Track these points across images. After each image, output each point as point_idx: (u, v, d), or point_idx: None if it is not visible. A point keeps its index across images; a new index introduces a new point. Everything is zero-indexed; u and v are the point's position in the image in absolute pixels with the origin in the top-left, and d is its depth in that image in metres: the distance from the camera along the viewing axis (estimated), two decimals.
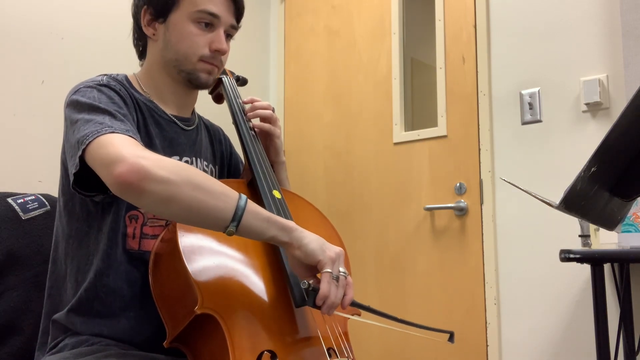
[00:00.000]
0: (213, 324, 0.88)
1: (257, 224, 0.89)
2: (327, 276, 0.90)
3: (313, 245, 0.91)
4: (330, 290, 0.89)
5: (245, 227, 0.88)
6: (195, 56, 1.12)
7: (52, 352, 1.02)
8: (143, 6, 1.14)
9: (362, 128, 2.55)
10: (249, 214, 0.88)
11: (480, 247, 2.17)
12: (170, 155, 1.12)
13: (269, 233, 0.90)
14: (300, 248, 0.91)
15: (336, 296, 0.90)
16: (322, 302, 0.89)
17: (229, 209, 0.87)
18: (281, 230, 0.91)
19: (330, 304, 0.89)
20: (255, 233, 0.90)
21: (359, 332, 2.34)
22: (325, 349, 0.95)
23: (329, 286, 0.89)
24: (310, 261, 0.91)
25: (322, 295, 0.89)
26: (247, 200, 0.89)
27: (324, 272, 0.90)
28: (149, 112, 1.12)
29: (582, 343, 1.92)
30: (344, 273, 0.93)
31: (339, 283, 0.91)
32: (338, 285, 0.91)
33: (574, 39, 2.04)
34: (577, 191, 0.74)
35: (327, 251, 0.92)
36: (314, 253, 0.90)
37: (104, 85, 1.04)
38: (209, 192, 0.87)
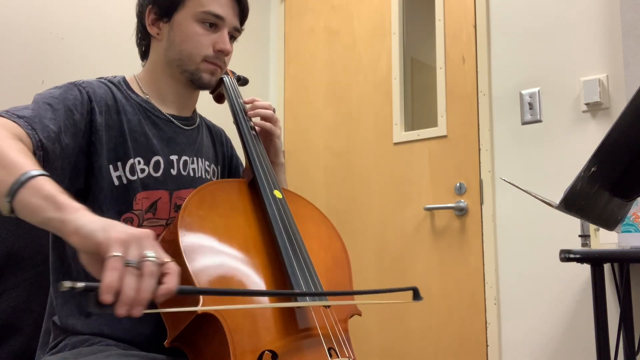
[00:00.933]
0: (214, 324, 0.88)
1: (32, 201, 0.73)
2: (114, 261, 0.66)
3: (92, 226, 0.70)
4: (124, 281, 0.65)
5: (20, 204, 0.74)
6: (199, 56, 1.12)
7: (52, 352, 1.02)
8: (148, 5, 1.14)
9: (362, 128, 2.55)
10: (28, 189, 0.74)
11: (480, 247, 2.17)
12: (168, 155, 1.12)
13: (43, 214, 0.73)
14: (77, 232, 0.70)
15: (136, 288, 0.66)
16: (112, 297, 0.64)
17: (7, 181, 0.75)
18: (57, 210, 0.72)
19: (129, 299, 0.65)
20: (30, 213, 0.75)
21: (359, 332, 2.34)
22: (326, 349, 0.95)
23: (119, 274, 0.65)
24: (89, 245, 0.69)
25: (105, 288, 0.64)
26: (39, 177, 0.75)
27: (108, 257, 0.66)
28: (145, 112, 1.12)
29: (582, 343, 1.92)
30: (153, 257, 0.69)
31: (144, 271, 0.67)
32: (142, 274, 0.67)
33: (574, 39, 2.04)
34: (577, 191, 0.74)
35: (112, 231, 0.69)
36: (92, 234, 0.69)
37: (75, 84, 1.05)
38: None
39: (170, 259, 0.71)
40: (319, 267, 1.04)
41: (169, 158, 1.12)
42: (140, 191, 1.05)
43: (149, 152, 1.09)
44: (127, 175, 1.05)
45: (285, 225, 1.03)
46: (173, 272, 0.70)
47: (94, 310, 0.64)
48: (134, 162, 1.05)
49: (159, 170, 1.09)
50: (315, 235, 1.13)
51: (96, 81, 1.09)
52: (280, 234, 1.01)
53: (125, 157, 1.05)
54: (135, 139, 1.07)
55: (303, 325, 0.97)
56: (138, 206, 1.05)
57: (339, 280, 1.11)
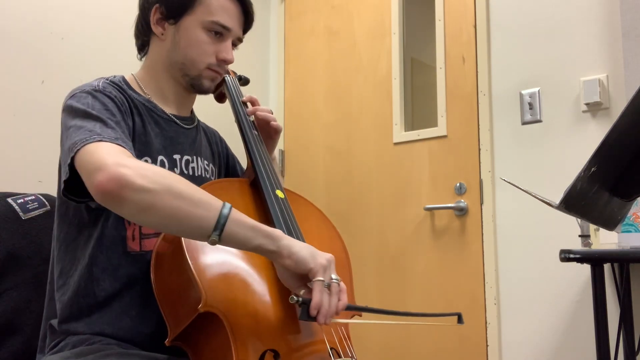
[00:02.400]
0: (216, 323, 0.88)
1: (242, 232, 0.87)
2: (319, 285, 0.87)
3: (303, 253, 0.88)
4: (323, 299, 0.86)
5: (229, 235, 0.86)
6: (203, 63, 1.13)
7: (52, 351, 1.02)
8: (155, 3, 1.14)
9: (362, 128, 2.55)
10: (232, 222, 0.86)
11: (480, 247, 2.17)
12: (171, 154, 1.12)
13: (255, 242, 0.87)
14: (290, 257, 0.88)
15: (330, 304, 0.87)
16: (317, 312, 0.86)
17: (211, 217, 0.85)
18: (267, 238, 0.88)
19: (325, 312, 0.86)
20: (240, 242, 0.88)
21: (360, 332, 2.34)
22: (329, 348, 0.95)
23: (321, 295, 0.86)
24: (302, 270, 0.88)
25: (315, 305, 0.85)
26: (232, 209, 0.87)
27: (315, 281, 0.87)
28: (148, 112, 1.12)
29: (582, 343, 1.92)
30: (337, 280, 0.89)
31: (332, 290, 0.88)
32: (331, 293, 0.88)
33: (574, 39, 2.04)
34: (577, 191, 0.74)
35: (318, 258, 0.89)
36: (304, 261, 0.88)
37: (99, 91, 1.04)
38: (190, 200, 0.85)
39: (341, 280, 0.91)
40: None
41: (172, 157, 1.13)
42: None
43: (154, 151, 1.09)
44: None
45: (287, 225, 1.03)
46: (344, 291, 0.91)
47: (303, 319, 0.86)
48: None
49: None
50: (316, 235, 1.14)
51: (107, 84, 1.08)
52: None
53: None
54: (140, 140, 1.08)
55: (305, 325, 0.97)
56: None
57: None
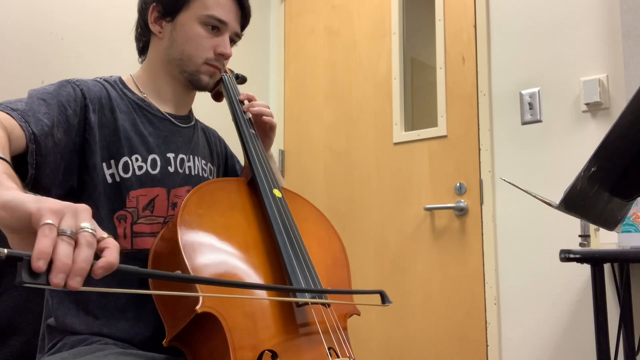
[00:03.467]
0: (213, 323, 0.88)
1: None
2: (47, 228, 0.60)
3: (22, 198, 0.64)
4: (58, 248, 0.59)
5: None
6: (200, 58, 1.13)
7: (50, 352, 1.02)
8: (152, 3, 1.14)
9: (362, 128, 2.55)
10: None
11: (480, 247, 2.17)
12: (165, 153, 1.12)
13: None
14: (4, 205, 0.63)
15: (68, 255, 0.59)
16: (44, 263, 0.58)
17: None
18: None
19: (63, 267, 0.59)
20: None
21: (359, 332, 2.34)
22: (326, 348, 0.95)
23: (49, 241, 0.59)
24: (19, 217, 0.63)
25: (38, 253, 0.57)
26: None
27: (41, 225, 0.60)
28: (141, 111, 1.12)
29: (582, 343, 1.92)
30: (90, 229, 0.63)
31: (80, 241, 0.61)
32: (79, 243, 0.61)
33: (574, 39, 2.04)
34: (577, 191, 0.74)
35: (45, 202, 0.63)
36: (21, 204, 0.63)
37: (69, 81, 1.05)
38: None
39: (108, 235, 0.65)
40: (318, 266, 1.04)
41: (166, 156, 1.12)
42: (135, 189, 1.05)
43: (145, 150, 1.09)
44: (120, 173, 1.04)
45: (285, 225, 1.03)
46: (113, 247, 0.64)
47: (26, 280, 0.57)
48: (127, 160, 1.05)
49: (156, 168, 1.09)
50: (315, 235, 1.13)
51: (91, 80, 1.09)
52: (279, 233, 1.01)
53: (118, 155, 1.05)
54: (129, 138, 1.07)
55: (303, 324, 0.97)
56: (131, 204, 1.05)
57: (338, 280, 1.11)
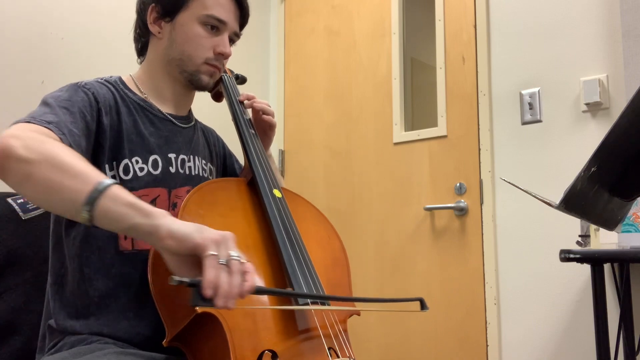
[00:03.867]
0: (214, 323, 0.88)
1: (116, 209, 0.76)
2: (212, 260, 0.73)
3: (186, 229, 0.75)
4: (220, 276, 0.72)
5: (101, 213, 0.76)
6: (200, 58, 1.13)
7: (50, 352, 1.02)
8: (150, 3, 1.14)
9: (362, 128, 2.55)
10: (107, 197, 0.76)
11: (480, 247, 2.17)
12: (166, 153, 1.12)
13: (130, 220, 0.76)
14: (171, 236, 0.74)
15: (230, 284, 0.73)
16: (213, 292, 0.72)
17: (83, 190, 0.76)
18: (145, 217, 0.76)
19: (225, 293, 0.72)
20: (114, 221, 0.77)
21: (359, 332, 2.34)
22: (327, 348, 0.95)
23: (217, 271, 0.72)
24: (187, 247, 0.74)
25: (208, 283, 0.71)
26: (113, 186, 0.78)
27: (206, 256, 0.73)
28: (142, 111, 1.12)
29: (582, 343, 1.92)
30: (238, 256, 0.75)
31: (232, 268, 0.74)
32: (231, 271, 0.74)
33: (574, 39, 2.04)
34: (577, 191, 0.74)
35: (207, 232, 0.75)
36: (188, 236, 0.74)
37: (78, 85, 1.05)
38: (67, 172, 0.78)
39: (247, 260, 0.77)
40: (318, 266, 1.04)
41: (167, 156, 1.12)
42: (135, 190, 1.05)
43: (147, 151, 1.09)
44: (121, 175, 1.05)
45: (285, 225, 1.03)
46: (251, 271, 0.77)
47: (198, 304, 0.72)
48: (128, 163, 1.06)
49: (157, 168, 1.09)
50: (314, 235, 1.13)
51: (96, 82, 1.09)
52: (280, 233, 1.01)
53: (119, 157, 1.05)
54: (131, 139, 1.07)
55: (303, 325, 0.97)
56: None
57: (338, 280, 1.11)
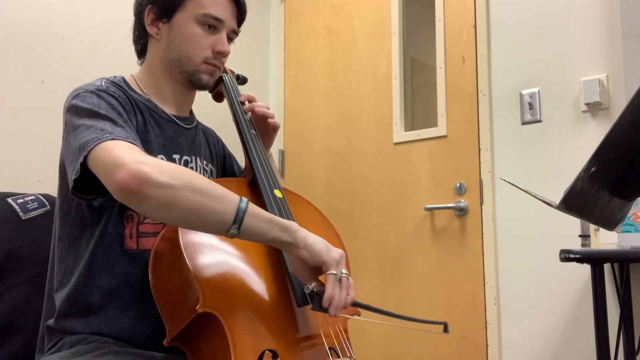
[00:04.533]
0: (214, 323, 0.88)
1: (259, 225, 0.89)
2: (333, 278, 0.91)
3: (319, 246, 0.92)
4: (335, 292, 0.91)
5: (247, 229, 0.89)
6: (199, 57, 1.13)
7: (50, 352, 1.02)
8: (147, 5, 1.14)
9: (362, 128, 2.55)
10: (250, 216, 0.89)
11: (480, 247, 2.17)
12: (171, 154, 1.13)
13: (272, 234, 0.90)
14: (306, 248, 0.91)
15: (340, 297, 0.91)
16: (329, 304, 0.90)
17: (229, 211, 0.87)
18: (284, 231, 0.91)
19: (336, 305, 0.91)
20: (257, 235, 0.90)
21: (359, 332, 2.34)
22: (327, 348, 0.95)
23: (334, 288, 0.91)
24: (316, 262, 0.91)
25: (328, 297, 0.90)
26: (248, 203, 0.90)
27: (329, 274, 0.91)
28: (149, 112, 1.12)
29: (582, 343, 1.92)
30: (346, 274, 0.94)
31: (342, 284, 0.92)
32: (342, 287, 0.92)
33: (574, 39, 2.04)
34: (577, 191, 0.74)
35: (332, 252, 0.93)
36: (319, 254, 0.91)
37: (103, 90, 1.04)
38: (209, 195, 0.87)
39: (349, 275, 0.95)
40: None
41: (172, 157, 1.13)
42: None
43: (154, 151, 1.09)
44: None
45: None
46: (352, 286, 0.95)
47: (316, 309, 0.91)
48: None
49: None
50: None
51: (110, 84, 1.09)
52: None
53: None
54: (141, 139, 1.08)
55: (303, 324, 0.97)
56: None
57: None
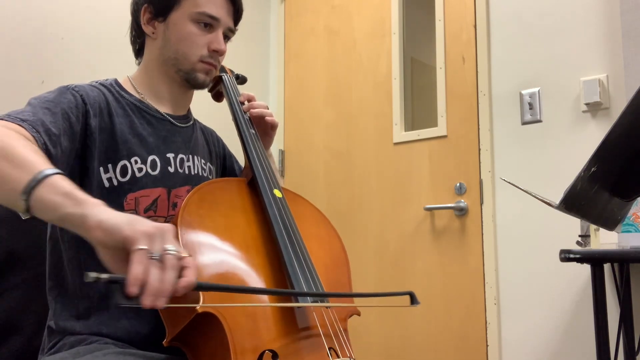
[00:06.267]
0: (214, 323, 0.88)
1: (50, 198, 0.74)
2: (140, 254, 0.67)
3: (116, 220, 0.70)
4: (149, 273, 0.66)
5: (37, 202, 0.74)
6: (195, 56, 1.13)
7: (50, 352, 1.02)
8: (143, 4, 1.15)
9: (362, 128, 2.55)
10: (45, 186, 0.74)
11: (480, 247, 2.17)
12: (164, 153, 1.12)
13: (62, 210, 0.73)
14: (100, 226, 0.70)
15: (160, 279, 0.67)
16: (139, 289, 0.66)
17: (23, 179, 0.75)
18: (77, 206, 0.73)
19: (154, 290, 0.66)
20: (49, 210, 0.75)
21: (359, 332, 2.34)
22: (327, 348, 0.95)
23: (142, 267, 0.66)
24: (114, 239, 0.69)
25: (133, 280, 0.65)
26: (55, 175, 0.76)
27: (134, 250, 0.67)
28: (139, 112, 1.12)
29: (582, 343, 1.92)
30: (175, 251, 0.70)
31: (166, 263, 0.68)
32: (165, 266, 0.68)
33: (574, 39, 2.04)
34: (577, 191, 0.74)
35: (138, 225, 0.70)
36: (117, 227, 0.69)
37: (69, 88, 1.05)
38: (13, 161, 0.77)
39: (188, 254, 0.73)
40: (319, 266, 1.04)
41: (166, 156, 1.12)
42: (133, 191, 1.05)
43: (144, 151, 1.09)
44: (118, 177, 1.05)
45: (285, 225, 1.03)
46: (192, 266, 0.72)
47: (121, 302, 0.66)
48: (126, 164, 1.06)
49: (155, 168, 1.09)
50: (315, 235, 1.13)
51: (87, 85, 1.09)
52: (280, 233, 1.01)
53: (116, 158, 1.05)
54: (127, 141, 1.07)
55: (303, 324, 0.97)
56: (129, 206, 1.05)
57: (338, 280, 1.11)
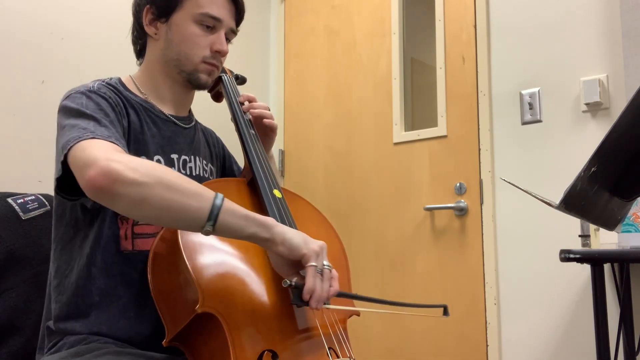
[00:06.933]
0: (214, 323, 0.88)
1: (235, 221, 0.88)
2: (312, 270, 0.89)
3: (296, 240, 0.90)
4: (316, 284, 0.89)
5: (222, 225, 0.87)
6: (197, 57, 1.13)
7: (50, 352, 1.02)
8: (145, 5, 1.15)
9: (362, 128, 2.55)
10: (225, 212, 0.87)
11: (480, 247, 2.17)
12: (169, 154, 1.13)
13: (248, 230, 0.89)
14: (283, 243, 0.90)
15: (322, 289, 0.89)
16: (309, 296, 0.88)
17: (204, 208, 0.86)
18: (261, 226, 0.90)
19: (318, 297, 0.89)
20: (233, 231, 0.89)
21: (360, 332, 2.34)
22: (327, 348, 0.95)
23: (314, 280, 0.89)
24: (295, 256, 0.90)
25: (308, 290, 0.88)
26: (224, 199, 0.88)
27: (308, 266, 0.90)
28: (145, 112, 1.12)
29: (582, 343, 1.92)
30: (328, 266, 0.92)
31: (324, 276, 0.91)
32: (323, 279, 0.90)
33: (574, 39, 2.04)
34: (577, 191, 0.74)
35: (311, 244, 0.91)
36: (297, 247, 0.90)
37: (93, 91, 1.04)
38: (182, 192, 0.85)
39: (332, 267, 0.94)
40: None
41: (170, 157, 1.13)
42: None
43: (150, 151, 1.09)
44: None
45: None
46: (335, 277, 0.94)
47: (298, 303, 0.90)
48: None
49: None
50: (314, 235, 1.12)
51: (102, 85, 1.09)
52: None
53: None
54: (137, 140, 1.08)
55: (303, 324, 0.97)
56: None
57: (338, 281, 1.11)
